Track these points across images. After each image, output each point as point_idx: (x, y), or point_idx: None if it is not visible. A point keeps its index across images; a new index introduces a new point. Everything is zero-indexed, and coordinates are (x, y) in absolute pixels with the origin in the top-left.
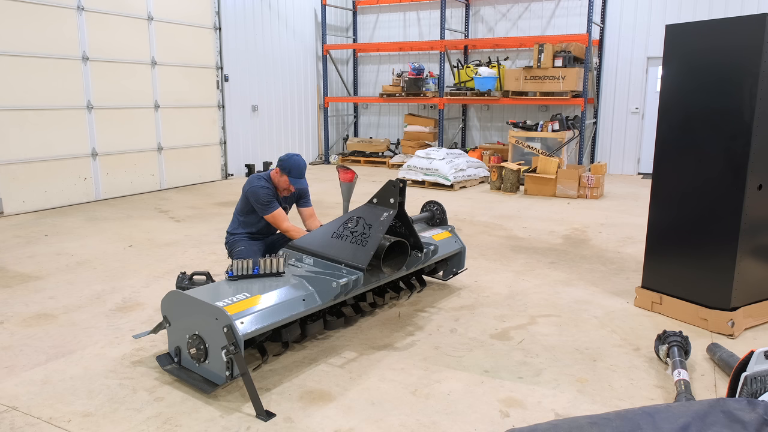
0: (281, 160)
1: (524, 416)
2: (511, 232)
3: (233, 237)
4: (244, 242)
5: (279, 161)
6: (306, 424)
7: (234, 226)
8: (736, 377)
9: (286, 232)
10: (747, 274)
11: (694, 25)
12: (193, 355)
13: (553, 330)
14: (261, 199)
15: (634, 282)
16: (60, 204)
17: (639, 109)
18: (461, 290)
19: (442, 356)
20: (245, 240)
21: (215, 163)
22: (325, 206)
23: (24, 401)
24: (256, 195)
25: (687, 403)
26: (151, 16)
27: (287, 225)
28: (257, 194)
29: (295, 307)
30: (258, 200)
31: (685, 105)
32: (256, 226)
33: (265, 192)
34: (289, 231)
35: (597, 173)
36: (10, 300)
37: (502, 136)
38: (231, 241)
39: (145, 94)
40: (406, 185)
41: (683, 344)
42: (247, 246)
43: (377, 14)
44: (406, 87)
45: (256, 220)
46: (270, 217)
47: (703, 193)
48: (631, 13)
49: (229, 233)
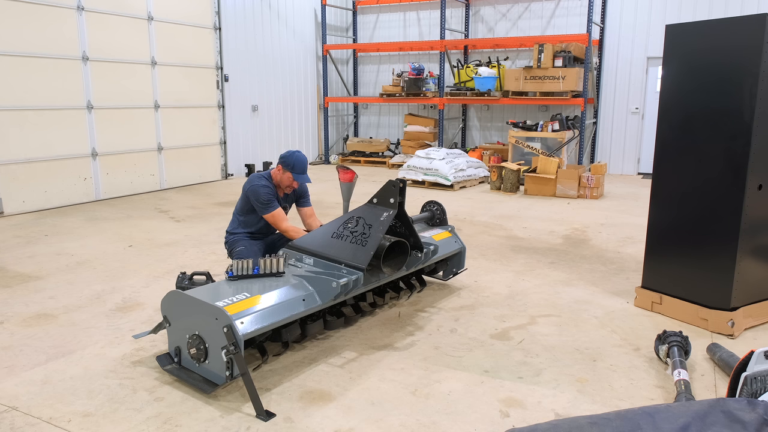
0: (283, 157)
1: (524, 416)
2: (511, 232)
3: (233, 237)
4: (244, 242)
5: (281, 158)
6: (306, 424)
7: (234, 225)
8: (736, 377)
9: (285, 232)
10: (747, 274)
11: (694, 25)
12: (193, 355)
13: (553, 330)
14: (261, 198)
15: (634, 282)
16: (60, 204)
17: (639, 109)
18: (461, 290)
19: (442, 356)
20: (245, 240)
21: (215, 163)
22: (325, 206)
23: (24, 401)
24: (256, 194)
25: (687, 403)
26: (151, 16)
27: (286, 225)
28: (257, 193)
29: (295, 307)
30: (258, 199)
31: (685, 105)
32: (255, 226)
33: (265, 191)
34: (288, 231)
35: (597, 173)
36: (10, 300)
37: (502, 136)
38: (231, 240)
39: (145, 94)
40: (406, 185)
41: (683, 344)
42: (248, 246)
43: (377, 14)
44: (406, 87)
45: (256, 220)
46: (269, 217)
47: (703, 193)
48: (631, 13)
49: (229, 233)
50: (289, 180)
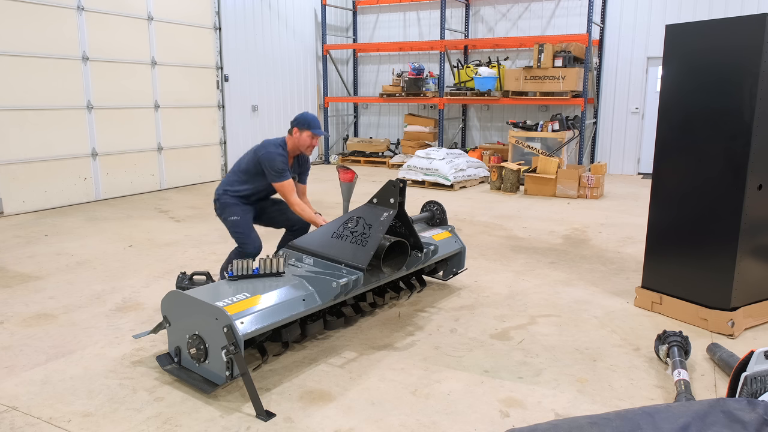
0: (297, 119)
1: (524, 416)
2: (511, 232)
3: (228, 197)
4: (237, 209)
5: (295, 122)
6: (306, 424)
7: (232, 183)
8: (736, 377)
9: (291, 204)
10: (747, 274)
11: (694, 25)
12: (193, 355)
13: (553, 330)
14: (276, 167)
15: (634, 282)
16: (60, 204)
17: (639, 109)
18: (461, 290)
19: (442, 356)
20: (239, 206)
21: (215, 163)
22: (325, 206)
23: (24, 401)
24: (272, 161)
25: (687, 403)
26: (151, 16)
27: (295, 198)
28: (273, 161)
29: (295, 307)
30: (273, 167)
31: (685, 105)
32: (256, 190)
33: (281, 159)
34: (294, 204)
35: (597, 173)
36: (10, 300)
37: (502, 136)
38: (224, 201)
39: (145, 94)
40: (406, 185)
41: (683, 344)
42: (242, 215)
43: (377, 14)
44: (406, 87)
45: (261, 186)
46: (280, 186)
47: (703, 193)
48: (631, 13)
49: (225, 191)
50: (309, 138)
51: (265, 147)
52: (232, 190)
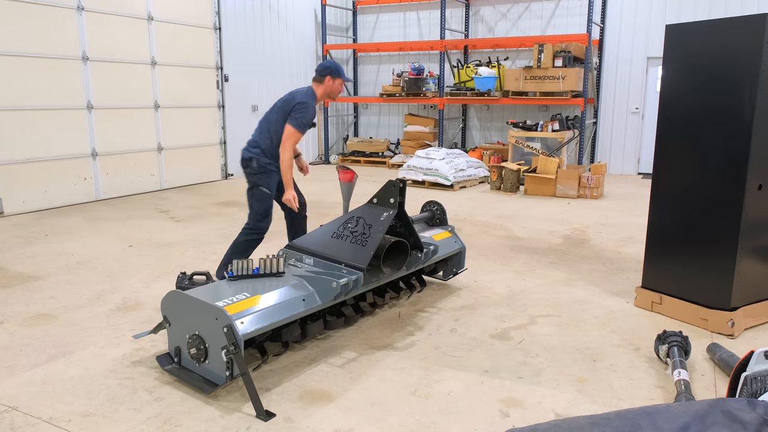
0: (328, 67)
1: (524, 416)
2: (511, 232)
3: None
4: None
5: (327, 69)
6: (306, 424)
7: (267, 143)
8: (736, 377)
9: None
10: (747, 274)
11: (694, 25)
12: (193, 355)
13: (553, 330)
14: (307, 119)
15: (634, 282)
16: (60, 204)
17: (639, 109)
18: (461, 290)
19: (442, 356)
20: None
21: (215, 163)
22: (325, 206)
23: (24, 401)
24: (305, 112)
25: (687, 403)
26: (151, 16)
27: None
28: (307, 112)
29: (295, 307)
30: (305, 118)
31: (685, 105)
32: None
33: (313, 113)
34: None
35: (597, 173)
36: (10, 300)
37: (502, 136)
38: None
39: (145, 94)
40: (406, 185)
41: (683, 344)
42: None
43: (377, 14)
44: (406, 87)
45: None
46: (294, 133)
47: (703, 193)
48: (631, 13)
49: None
50: (341, 85)
51: (304, 96)
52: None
